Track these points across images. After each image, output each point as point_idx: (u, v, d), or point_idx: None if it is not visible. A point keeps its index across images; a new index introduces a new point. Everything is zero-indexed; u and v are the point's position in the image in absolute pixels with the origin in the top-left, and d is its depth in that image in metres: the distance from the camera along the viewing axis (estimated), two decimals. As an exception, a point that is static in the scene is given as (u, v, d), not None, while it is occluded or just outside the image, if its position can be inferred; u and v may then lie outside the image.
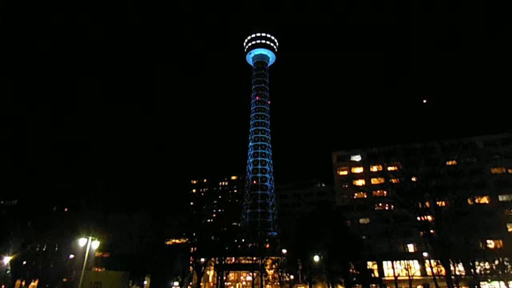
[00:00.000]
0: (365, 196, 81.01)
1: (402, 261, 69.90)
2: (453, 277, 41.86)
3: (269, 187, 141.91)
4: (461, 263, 49.67)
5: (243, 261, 74.38)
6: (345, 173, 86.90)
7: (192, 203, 71.24)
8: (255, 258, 72.91)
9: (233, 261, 76.90)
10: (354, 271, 61.67)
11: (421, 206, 39.48)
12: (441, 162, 40.55)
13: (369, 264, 68.61)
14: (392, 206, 58.61)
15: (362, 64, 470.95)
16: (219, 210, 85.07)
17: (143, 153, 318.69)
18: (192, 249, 62.11)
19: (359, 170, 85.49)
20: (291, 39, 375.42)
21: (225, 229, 66.19)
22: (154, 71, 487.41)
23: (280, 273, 69.58)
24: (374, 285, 67.77)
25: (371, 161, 78.48)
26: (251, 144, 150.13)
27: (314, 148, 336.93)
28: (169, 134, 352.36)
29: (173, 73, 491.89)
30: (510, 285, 54.94)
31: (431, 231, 39.54)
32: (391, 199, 47.14)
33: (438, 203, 39.28)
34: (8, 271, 50.01)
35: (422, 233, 47.36)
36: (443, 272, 42.97)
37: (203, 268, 60.69)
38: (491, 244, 65.32)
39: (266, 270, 71.31)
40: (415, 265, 68.59)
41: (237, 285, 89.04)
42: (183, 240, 64.12)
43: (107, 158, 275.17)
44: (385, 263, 69.83)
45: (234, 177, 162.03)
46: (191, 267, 64.14)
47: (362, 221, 79.22)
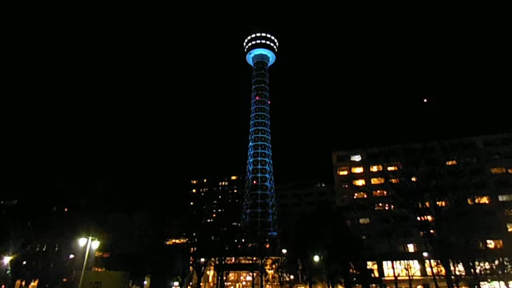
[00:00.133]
0: (365, 196, 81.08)
1: (402, 261, 69.96)
2: (453, 277, 41.88)
3: (269, 187, 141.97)
4: (461, 263, 49.60)
5: (243, 261, 74.37)
6: (345, 173, 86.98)
7: (192, 203, 71.27)
8: (255, 258, 72.86)
9: (233, 261, 76.90)
10: (354, 271, 61.78)
11: (421, 206, 39.43)
12: (441, 162, 40.50)
13: (369, 264, 68.64)
14: (392, 206, 58.51)
15: (362, 64, 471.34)
16: (219, 210, 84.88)
17: (143, 153, 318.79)
18: (192, 249, 62.17)
19: (359, 170, 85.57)
20: (291, 39, 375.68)
21: (225, 229, 66.15)
22: (154, 71, 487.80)
23: (280, 273, 69.58)
24: (374, 285, 67.81)
25: (371, 161, 78.61)
26: (251, 144, 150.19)
27: (314, 148, 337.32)
28: (169, 134, 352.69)
29: (173, 73, 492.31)
30: (510, 285, 54.90)
31: (431, 231, 39.51)
32: (391, 199, 47.21)
33: (438, 203, 39.23)
34: (8, 271, 49.91)
35: (422, 233, 47.23)
36: (443, 272, 43.03)
37: (203, 268, 60.67)
38: (491, 244, 65.37)
39: (266, 270, 71.29)
40: (415, 265, 68.64)
41: (237, 285, 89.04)
42: (183, 240, 64.20)
43: (107, 158, 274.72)
44: (385, 263, 69.87)
45: (234, 177, 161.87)
46: (191, 267, 64.10)
47: (362, 221, 79.27)
